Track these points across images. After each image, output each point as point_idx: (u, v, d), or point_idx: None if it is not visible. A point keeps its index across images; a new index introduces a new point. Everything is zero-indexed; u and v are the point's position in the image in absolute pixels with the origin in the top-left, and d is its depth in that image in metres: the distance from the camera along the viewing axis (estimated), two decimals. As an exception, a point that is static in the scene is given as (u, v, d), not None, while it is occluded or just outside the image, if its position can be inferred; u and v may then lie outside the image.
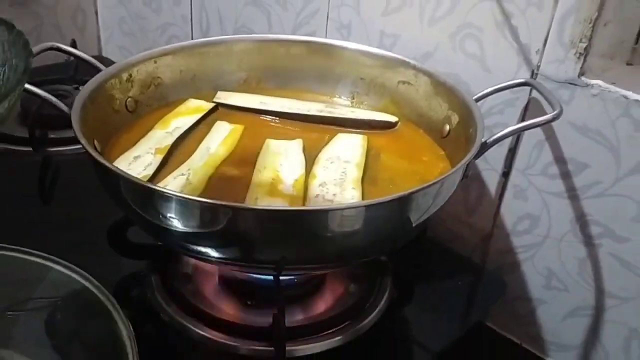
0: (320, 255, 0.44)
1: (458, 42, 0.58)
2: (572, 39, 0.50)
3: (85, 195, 0.63)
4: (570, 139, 0.53)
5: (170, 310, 0.49)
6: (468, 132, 0.50)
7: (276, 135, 0.56)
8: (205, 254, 0.43)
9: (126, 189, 0.41)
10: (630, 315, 0.54)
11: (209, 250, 0.42)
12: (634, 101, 0.48)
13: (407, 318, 0.56)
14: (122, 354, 0.39)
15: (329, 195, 0.46)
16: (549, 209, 0.57)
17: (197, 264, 0.54)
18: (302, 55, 0.64)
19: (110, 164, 0.41)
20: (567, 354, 0.60)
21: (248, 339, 0.48)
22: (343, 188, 0.47)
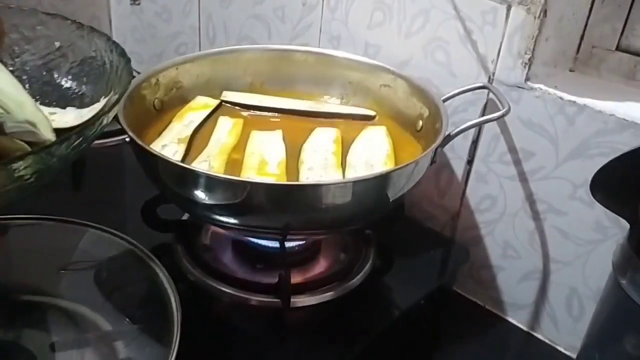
0: (317, 222, 0.56)
1: (429, 52, 0.70)
2: (519, 51, 0.62)
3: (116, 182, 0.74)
4: (519, 132, 0.65)
5: (195, 272, 0.61)
6: (435, 126, 0.62)
7: (268, 126, 0.67)
8: (226, 222, 0.54)
9: (165, 170, 0.52)
10: (570, 276, 0.66)
11: (229, 219, 0.53)
12: (567, 101, 0.60)
13: (388, 280, 0.68)
14: (165, 298, 0.50)
15: (317, 176, 0.57)
16: (504, 190, 0.68)
17: (215, 235, 0.65)
18: (300, 62, 0.75)
19: (153, 149, 0.52)
20: (522, 312, 0.72)
21: (258, 293, 0.59)
22: (327, 171, 0.58)
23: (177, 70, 0.70)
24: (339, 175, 0.58)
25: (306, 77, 0.76)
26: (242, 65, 0.75)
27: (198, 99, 0.70)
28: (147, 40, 1.07)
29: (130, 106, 0.60)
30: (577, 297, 0.66)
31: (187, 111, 0.67)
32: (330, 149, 0.63)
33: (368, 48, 0.76)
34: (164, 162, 0.51)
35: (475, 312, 0.76)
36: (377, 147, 0.65)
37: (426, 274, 0.69)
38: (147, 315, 0.51)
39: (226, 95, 0.72)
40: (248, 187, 0.49)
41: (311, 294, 0.60)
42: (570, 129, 0.61)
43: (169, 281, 0.51)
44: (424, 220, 0.77)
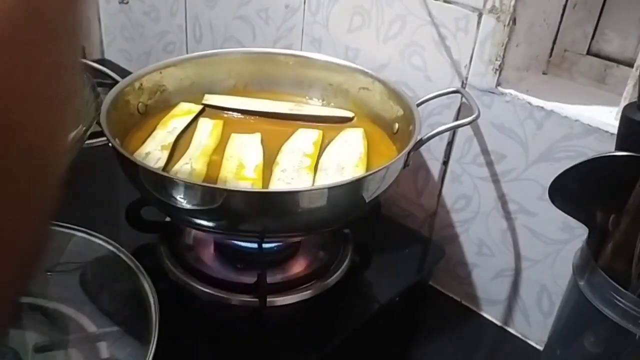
0: (294, 225, 0.58)
1: (406, 57, 0.72)
2: (490, 58, 0.64)
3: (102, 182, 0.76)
4: (492, 135, 0.67)
5: (177, 272, 0.63)
6: (410, 129, 0.64)
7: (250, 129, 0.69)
8: (205, 226, 0.56)
9: (146, 178, 0.54)
10: (540, 274, 0.69)
11: (208, 223, 0.56)
12: (536, 107, 0.62)
13: (366, 277, 0.70)
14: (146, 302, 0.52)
15: (288, 179, 0.60)
16: (478, 190, 0.71)
17: (197, 236, 0.68)
18: (282, 64, 0.77)
19: (134, 157, 0.54)
20: (496, 307, 0.75)
21: (238, 293, 0.62)
22: (299, 174, 0.61)
23: (161, 74, 0.71)
24: (310, 179, 0.61)
25: (288, 79, 0.78)
26: (226, 68, 0.77)
27: (181, 105, 0.72)
28: (135, 38, 1.09)
29: (114, 111, 0.63)
30: (547, 294, 0.69)
31: (171, 118, 0.69)
32: (307, 151, 0.65)
33: (348, 51, 0.78)
34: (145, 170, 0.53)
35: (451, 306, 0.78)
36: (352, 149, 0.67)
37: (403, 271, 0.72)
38: (129, 315, 0.54)
39: (208, 99, 0.74)
40: (225, 194, 0.51)
41: (290, 292, 0.63)
42: (539, 133, 0.63)
43: (149, 283, 0.53)
44: (402, 218, 0.80)
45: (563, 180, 0.47)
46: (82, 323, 0.53)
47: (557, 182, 0.48)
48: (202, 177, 0.59)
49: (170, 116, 0.69)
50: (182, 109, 0.71)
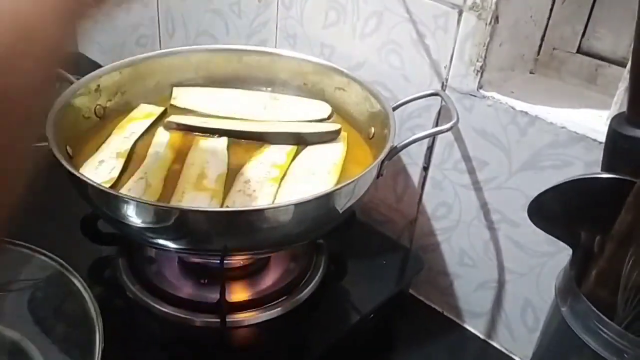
0: (258, 243, 0.54)
1: (383, 55, 0.67)
2: (470, 59, 0.59)
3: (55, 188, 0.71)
4: (473, 140, 0.62)
5: (135, 289, 0.59)
6: (384, 133, 0.60)
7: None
8: (159, 244, 0.52)
9: (95, 195, 0.50)
10: (524, 287, 0.65)
11: (162, 241, 0.52)
12: (519, 112, 0.58)
13: (341, 290, 0.66)
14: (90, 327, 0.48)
15: (250, 190, 0.55)
16: (460, 198, 0.66)
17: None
18: (253, 63, 0.73)
19: (80, 173, 0.49)
20: (479, 319, 0.71)
21: (201, 313, 0.57)
22: (262, 185, 0.56)
23: (121, 74, 0.67)
24: (273, 191, 0.56)
25: (260, 78, 0.73)
26: (193, 66, 0.72)
27: (141, 108, 0.67)
28: (108, 30, 1.04)
29: (64, 116, 0.58)
30: (532, 308, 0.65)
31: (129, 122, 0.64)
32: (278, 161, 0.60)
33: (323, 48, 0.73)
34: (93, 187, 0.49)
35: (432, 317, 0.75)
36: (329, 153, 0.62)
37: (381, 283, 0.68)
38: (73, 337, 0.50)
39: (177, 94, 0.69)
40: (177, 213, 0.47)
41: (257, 310, 0.59)
42: (523, 139, 0.58)
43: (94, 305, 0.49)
44: (381, 224, 0.75)
45: (543, 200, 0.43)
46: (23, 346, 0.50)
47: (537, 202, 0.44)
48: (158, 194, 0.54)
49: (128, 120, 0.65)
50: (142, 111, 0.66)
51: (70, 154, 0.59)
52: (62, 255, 0.59)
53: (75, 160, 0.59)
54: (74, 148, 0.60)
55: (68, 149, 0.58)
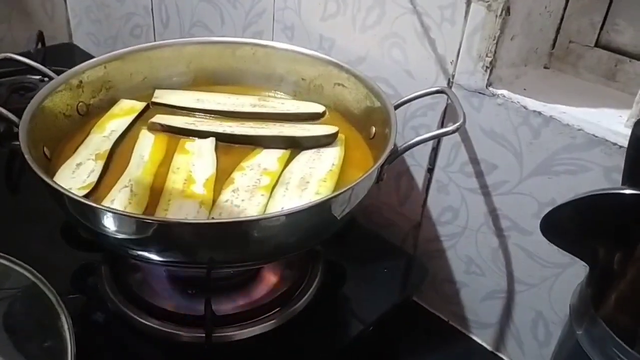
0: (248, 255, 0.49)
1: (386, 49, 0.62)
2: (479, 53, 0.55)
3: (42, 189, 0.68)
4: (481, 142, 0.58)
5: (117, 300, 0.55)
6: (385, 133, 0.55)
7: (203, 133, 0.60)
8: (141, 256, 0.48)
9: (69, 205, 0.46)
10: (536, 299, 0.60)
11: (144, 254, 0.48)
12: (532, 111, 0.53)
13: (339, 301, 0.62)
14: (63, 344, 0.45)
15: (238, 200, 0.51)
16: (466, 203, 0.62)
17: (145, 255, 0.60)
18: (248, 56, 0.68)
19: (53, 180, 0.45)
20: (486, 330, 0.67)
21: (187, 327, 0.53)
22: (253, 194, 0.52)
23: (106, 68, 0.63)
24: (263, 201, 0.52)
25: (255, 73, 0.69)
26: (184, 60, 0.68)
27: (122, 103, 0.63)
28: (101, 21, 1.00)
29: (41, 115, 0.54)
30: (543, 321, 0.61)
31: (109, 119, 0.60)
32: (269, 167, 0.56)
33: (323, 41, 0.68)
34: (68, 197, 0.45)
35: (437, 326, 0.71)
36: (325, 158, 0.58)
37: (382, 293, 0.63)
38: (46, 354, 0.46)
39: (158, 95, 0.65)
40: (157, 225, 0.43)
41: (248, 324, 0.55)
42: (536, 142, 0.54)
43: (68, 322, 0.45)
44: (384, 227, 0.71)
45: (557, 215, 0.39)
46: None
47: (551, 218, 0.39)
48: (145, 202, 0.50)
49: (107, 117, 0.60)
50: (123, 107, 0.62)
51: (48, 155, 0.55)
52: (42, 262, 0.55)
53: (54, 162, 0.55)
54: (53, 149, 0.56)
55: (45, 150, 0.54)
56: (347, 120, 0.64)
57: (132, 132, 0.60)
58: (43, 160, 0.54)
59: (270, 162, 0.57)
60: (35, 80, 0.85)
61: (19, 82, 0.83)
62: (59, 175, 0.52)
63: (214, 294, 0.54)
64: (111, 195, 0.51)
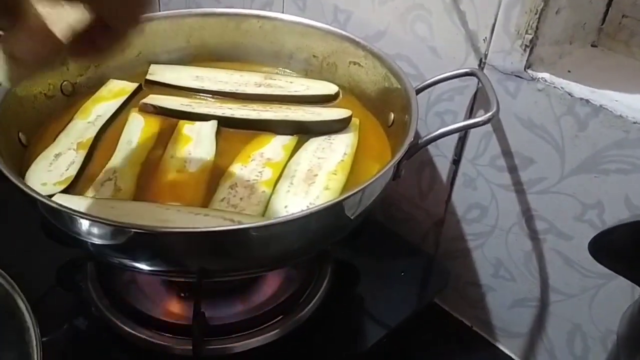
0: (244, 264, 0.43)
1: (409, 23, 0.55)
2: (518, 29, 0.47)
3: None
4: (516, 132, 0.50)
5: (101, 304, 0.50)
6: (405, 120, 0.48)
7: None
8: (121, 264, 0.42)
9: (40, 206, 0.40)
10: (574, 311, 0.53)
11: (126, 262, 0.42)
12: (578, 99, 0.45)
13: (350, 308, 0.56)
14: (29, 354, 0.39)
15: (235, 199, 0.44)
16: (497, 200, 0.55)
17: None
18: (254, 30, 0.61)
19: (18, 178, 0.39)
20: (515, 340, 0.60)
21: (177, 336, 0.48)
22: (253, 191, 0.45)
23: (94, 44, 0.56)
24: (264, 200, 0.45)
25: (262, 48, 0.62)
26: (184, 34, 0.61)
27: (111, 84, 0.56)
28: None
29: (15, 97, 0.48)
30: (581, 335, 0.54)
31: (95, 102, 0.54)
32: (273, 158, 0.49)
33: (338, 14, 0.61)
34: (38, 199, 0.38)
35: (459, 331, 0.64)
36: (336, 147, 0.51)
37: (398, 298, 0.57)
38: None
39: (154, 71, 0.58)
40: (130, 232, 0.37)
41: (248, 335, 0.49)
42: (581, 135, 0.46)
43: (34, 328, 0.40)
44: (402, 222, 0.64)
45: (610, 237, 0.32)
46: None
47: (602, 239, 0.32)
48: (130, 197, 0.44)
49: (93, 100, 0.54)
50: (111, 89, 0.55)
51: (24, 142, 0.49)
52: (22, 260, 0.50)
53: (32, 149, 0.49)
54: (31, 134, 0.50)
55: (21, 136, 0.49)
56: (362, 104, 0.57)
57: (122, 116, 0.53)
58: (18, 147, 0.48)
59: (275, 151, 0.50)
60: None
61: None
62: (34, 168, 0.46)
63: (208, 299, 0.48)
64: (92, 190, 0.45)
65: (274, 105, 0.55)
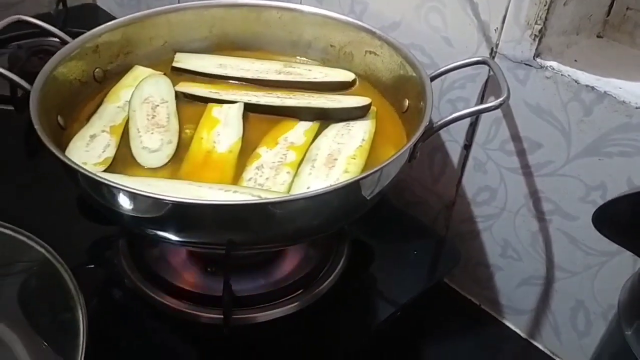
0: (269, 237, 0.46)
1: (423, 14, 0.57)
2: (527, 20, 0.49)
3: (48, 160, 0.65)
4: (525, 118, 0.53)
5: (134, 276, 0.53)
6: (419, 107, 0.51)
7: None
8: (157, 235, 0.45)
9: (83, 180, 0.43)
10: (577, 287, 0.56)
11: (160, 233, 0.45)
12: (584, 86, 0.48)
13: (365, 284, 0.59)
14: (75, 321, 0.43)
15: (262, 179, 0.47)
16: (506, 183, 0.58)
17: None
18: (274, 20, 0.64)
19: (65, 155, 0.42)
20: (521, 317, 0.63)
21: (205, 307, 0.51)
22: (278, 172, 0.48)
23: (124, 33, 0.59)
24: (288, 179, 0.48)
25: (282, 38, 0.64)
26: (206, 24, 0.64)
27: (137, 71, 0.59)
28: (125, -20, 0.96)
29: (54, 82, 0.51)
30: (584, 311, 0.57)
31: (122, 88, 0.57)
32: (296, 142, 0.52)
33: (354, 5, 0.64)
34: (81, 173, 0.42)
35: (468, 310, 0.67)
36: (355, 133, 0.54)
37: (411, 275, 0.60)
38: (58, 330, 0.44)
39: (179, 59, 0.61)
40: (169, 204, 0.40)
41: (269, 307, 0.52)
42: (587, 120, 0.49)
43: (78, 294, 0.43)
44: (414, 205, 0.67)
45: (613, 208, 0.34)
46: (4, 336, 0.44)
47: (606, 210, 0.35)
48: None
49: (121, 85, 0.57)
50: (137, 76, 0.58)
51: (62, 124, 0.52)
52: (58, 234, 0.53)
53: (69, 131, 0.53)
54: (67, 117, 0.53)
55: (59, 119, 0.52)
56: (378, 91, 0.60)
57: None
58: (57, 129, 0.51)
59: (298, 135, 0.53)
60: (56, 43, 0.81)
61: (39, 44, 0.80)
62: (72, 147, 0.50)
63: (234, 274, 0.51)
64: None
65: (297, 93, 0.58)
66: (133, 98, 0.55)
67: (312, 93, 0.58)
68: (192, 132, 0.53)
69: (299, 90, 0.59)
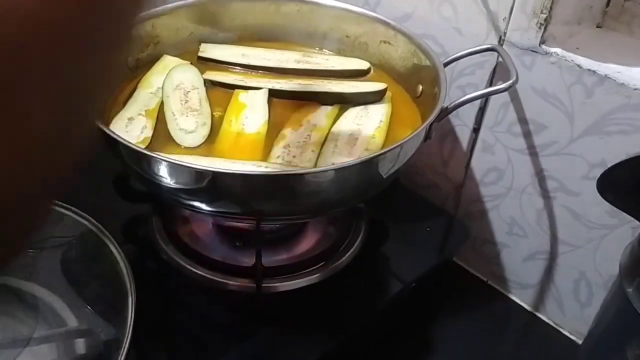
0: (296, 208, 0.50)
1: (435, 5, 0.61)
2: (534, 10, 0.54)
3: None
4: (531, 101, 0.57)
5: (168, 250, 0.57)
6: (434, 92, 0.55)
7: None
8: (193, 206, 0.49)
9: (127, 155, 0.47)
10: (579, 260, 0.60)
11: (196, 203, 0.49)
12: (586, 70, 0.52)
13: (381, 258, 0.63)
14: (123, 289, 0.46)
15: (289, 157, 0.51)
16: (512, 163, 0.62)
17: (192, 209, 0.61)
18: (292, 13, 0.68)
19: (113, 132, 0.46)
20: (526, 291, 0.67)
21: (235, 276, 0.55)
22: (303, 150, 0.52)
23: (154, 24, 0.63)
24: (314, 157, 0.52)
25: (299, 29, 0.68)
26: (229, 17, 0.68)
27: (166, 60, 0.63)
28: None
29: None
30: (586, 283, 0.61)
31: (153, 75, 0.60)
32: (319, 123, 0.56)
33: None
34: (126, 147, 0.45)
35: (476, 286, 0.71)
36: (373, 115, 0.58)
37: (423, 251, 0.64)
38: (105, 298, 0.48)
39: (204, 49, 0.65)
40: (210, 175, 0.44)
41: (294, 276, 0.56)
42: (589, 101, 0.53)
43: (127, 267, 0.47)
44: (425, 188, 0.71)
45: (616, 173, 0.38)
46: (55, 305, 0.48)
47: (609, 175, 0.39)
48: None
49: (151, 73, 0.61)
50: (166, 64, 0.62)
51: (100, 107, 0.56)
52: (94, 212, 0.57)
53: (106, 115, 0.56)
54: (106, 102, 0.57)
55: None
56: (392, 78, 0.64)
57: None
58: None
59: (320, 118, 0.57)
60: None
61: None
62: (113, 127, 0.53)
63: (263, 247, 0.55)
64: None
65: (317, 80, 0.62)
66: (165, 85, 0.58)
67: (331, 79, 0.62)
68: (221, 115, 0.57)
69: (318, 78, 0.63)
